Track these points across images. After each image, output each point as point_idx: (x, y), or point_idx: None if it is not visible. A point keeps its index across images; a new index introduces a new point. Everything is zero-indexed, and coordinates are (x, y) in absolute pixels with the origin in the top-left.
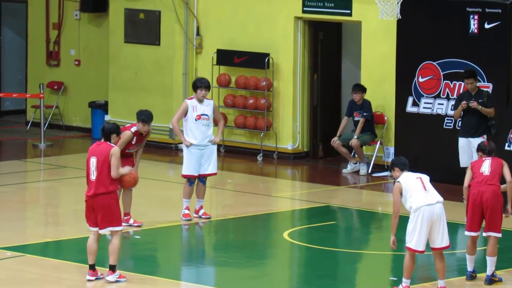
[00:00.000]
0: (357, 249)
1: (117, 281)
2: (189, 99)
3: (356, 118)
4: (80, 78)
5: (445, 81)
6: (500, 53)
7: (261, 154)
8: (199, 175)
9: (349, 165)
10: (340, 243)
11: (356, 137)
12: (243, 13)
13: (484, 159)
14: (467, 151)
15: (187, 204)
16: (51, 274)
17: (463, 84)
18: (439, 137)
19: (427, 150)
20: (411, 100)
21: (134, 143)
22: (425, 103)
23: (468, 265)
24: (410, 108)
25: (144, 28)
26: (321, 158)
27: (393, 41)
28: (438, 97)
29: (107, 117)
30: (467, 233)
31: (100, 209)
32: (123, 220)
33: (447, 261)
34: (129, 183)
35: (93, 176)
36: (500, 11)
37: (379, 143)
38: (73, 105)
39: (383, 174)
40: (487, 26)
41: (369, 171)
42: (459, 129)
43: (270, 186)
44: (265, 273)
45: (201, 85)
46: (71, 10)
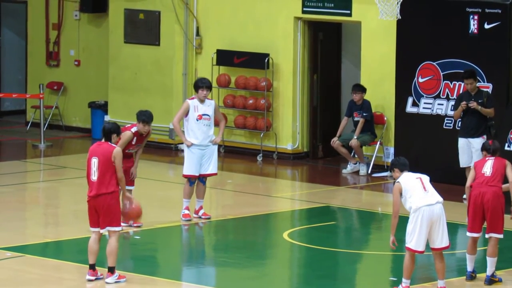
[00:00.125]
0: (357, 249)
1: (116, 281)
2: (190, 99)
3: (355, 118)
4: (80, 78)
5: (445, 82)
6: (500, 53)
7: (261, 154)
8: (200, 175)
9: (349, 166)
10: (340, 243)
11: (356, 137)
12: (243, 14)
13: (487, 159)
14: (467, 151)
15: (187, 204)
16: (51, 274)
17: (462, 84)
18: (439, 137)
19: (427, 150)
20: (411, 100)
21: (134, 143)
22: (425, 103)
23: (468, 265)
24: (410, 108)
25: (144, 28)
26: (321, 158)
27: (393, 41)
28: (438, 97)
29: (107, 118)
30: (469, 234)
31: (101, 209)
32: (122, 220)
33: (447, 261)
34: (131, 216)
35: (94, 176)
36: (499, 11)
37: (379, 143)
38: (73, 106)
39: (383, 174)
40: (487, 26)
41: (369, 172)
42: (459, 129)
43: (270, 186)
44: (265, 274)
45: (203, 85)
46: (71, 10)
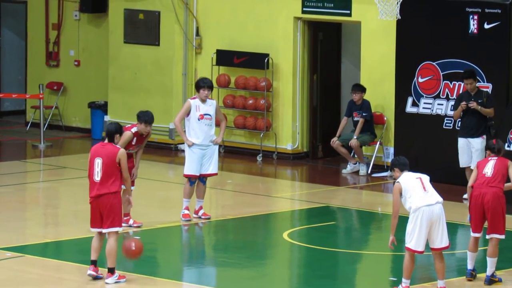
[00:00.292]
0: (357, 249)
1: (116, 282)
2: (192, 99)
3: (355, 118)
4: (79, 78)
5: (444, 81)
6: (499, 53)
7: (261, 154)
8: (200, 175)
9: (348, 166)
10: (339, 243)
11: (355, 137)
12: (243, 14)
13: (490, 159)
14: (467, 151)
15: (187, 204)
16: (51, 274)
17: (462, 84)
18: (439, 138)
19: (427, 150)
20: (410, 100)
21: (134, 143)
22: (425, 103)
23: (468, 263)
24: (409, 108)
25: (143, 28)
26: (320, 158)
27: (393, 41)
28: (437, 97)
29: (107, 118)
30: (473, 234)
31: (104, 208)
32: (122, 220)
33: (447, 261)
34: (132, 254)
35: (97, 177)
36: (499, 11)
37: (378, 143)
38: (72, 106)
39: (382, 174)
40: (486, 26)
41: (369, 172)
42: (459, 129)
43: (269, 186)
44: (265, 274)
45: (204, 85)
46: (71, 10)
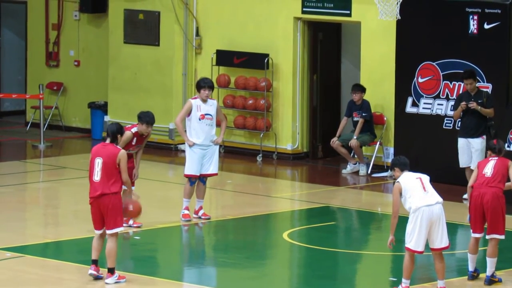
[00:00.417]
0: (357, 249)
1: (116, 282)
2: (193, 99)
3: (355, 118)
4: (79, 78)
5: (444, 82)
6: (499, 54)
7: (261, 154)
8: (200, 175)
9: (348, 166)
10: (339, 243)
11: (355, 137)
12: (243, 14)
13: (490, 159)
14: (467, 151)
15: (187, 204)
16: (51, 274)
17: (462, 84)
18: (439, 138)
19: (427, 150)
20: (410, 100)
21: (134, 144)
22: (425, 103)
23: (469, 264)
24: (409, 108)
25: (143, 28)
26: (320, 158)
27: (393, 41)
28: (437, 97)
29: (107, 118)
30: (473, 235)
31: (105, 209)
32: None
33: (446, 262)
34: (132, 214)
35: (97, 177)
36: (499, 11)
37: (378, 143)
38: (72, 106)
39: (382, 174)
40: (486, 26)
41: (369, 172)
42: (459, 129)
43: (269, 186)
44: (265, 274)
45: (205, 85)
46: (71, 10)
